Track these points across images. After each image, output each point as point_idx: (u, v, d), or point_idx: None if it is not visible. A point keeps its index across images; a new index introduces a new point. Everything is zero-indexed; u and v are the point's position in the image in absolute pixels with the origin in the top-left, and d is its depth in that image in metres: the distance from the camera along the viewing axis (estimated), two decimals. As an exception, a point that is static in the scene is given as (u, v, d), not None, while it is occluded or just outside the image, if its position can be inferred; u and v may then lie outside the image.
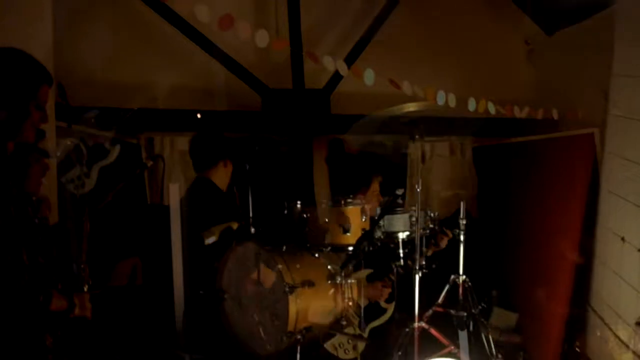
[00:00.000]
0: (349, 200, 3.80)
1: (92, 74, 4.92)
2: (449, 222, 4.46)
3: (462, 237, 4.08)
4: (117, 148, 2.71)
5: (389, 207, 3.84)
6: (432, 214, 4.03)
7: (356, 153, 5.65)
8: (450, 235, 4.40)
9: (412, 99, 4.48)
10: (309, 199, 5.36)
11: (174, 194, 3.67)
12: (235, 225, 3.78)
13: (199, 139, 4.31)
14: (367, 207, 3.86)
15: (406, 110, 3.63)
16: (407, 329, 3.87)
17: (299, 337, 3.58)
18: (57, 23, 4.14)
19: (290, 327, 3.53)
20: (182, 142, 5.26)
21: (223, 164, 4.14)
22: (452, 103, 4.54)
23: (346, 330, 4.13)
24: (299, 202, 3.86)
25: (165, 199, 4.44)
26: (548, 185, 5.14)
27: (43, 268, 2.58)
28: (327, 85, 5.27)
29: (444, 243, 4.39)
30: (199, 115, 4.98)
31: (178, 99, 5.27)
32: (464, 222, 4.12)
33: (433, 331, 3.93)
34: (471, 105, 4.64)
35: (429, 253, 4.37)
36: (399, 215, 3.89)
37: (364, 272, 4.21)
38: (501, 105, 4.86)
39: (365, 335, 4.22)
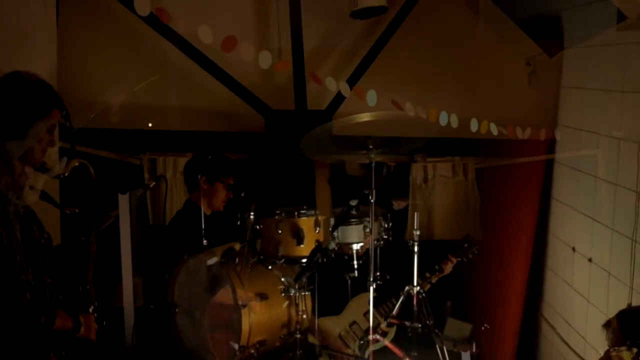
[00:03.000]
0: (302, 211, 3.77)
1: (95, 96, 4.94)
2: (455, 247, 4.45)
3: (416, 249, 4.05)
4: (65, 159, 2.70)
5: (343, 218, 3.80)
6: (386, 225, 4.01)
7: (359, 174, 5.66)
8: (455, 262, 4.38)
9: (415, 119, 4.49)
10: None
11: (124, 203, 3.62)
12: (237, 246, 3.76)
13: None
14: (320, 218, 3.83)
15: (359, 120, 3.62)
16: (361, 341, 3.86)
17: (252, 351, 3.57)
18: (61, 45, 4.17)
19: (243, 341, 3.51)
20: (185, 163, 5.27)
21: (199, 185, 4.10)
22: (455, 124, 4.54)
23: (346, 352, 4.10)
24: (251, 214, 3.81)
25: (168, 219, 4.45)
26: (502, 198, 5.20)
27: (48, 288, 2.59)
28: (330, 106, 5.28)
29: (448, 269, 4.37)
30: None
31: (181, 120, 5.29)
32: (418, 232, 4.09)
33: (387, 343, 3.92)
34: (473, 126, 4.64)
35: (434, 280, 4.34)
36: (353, 226, 3.87)
37: (366, 295, 4.19)
38: (503, 126, 4.86)
39: (366, 357, 4.19)
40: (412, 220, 4.08)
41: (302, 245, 3.71)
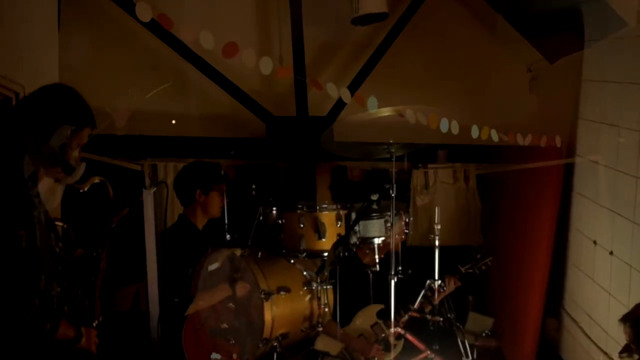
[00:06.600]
0: (324, 205, 3.81)
1: (97, 102, 4.94)
2: (467, 259, 4.41)
3: (436, 242, 4.07)
4: (83, 165, 2.73)
5: (364, 213, 3.82)
6: (406, 219, 4.02)
7: (360, 180, 5.66)
8: (458, 283, 4.33)
9: (415, 126, 4.49)
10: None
11: (148, 200, 3.66)
12: (238, 252, 3.78)
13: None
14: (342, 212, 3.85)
15: (380, 114, 3.66)
16: (383, 334, 3.90)
17: (275, 343, 3.60)
18: (63, 51, 4.17)
19: (266, 334, 3.58)
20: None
21: (195, 199, 4.13)
22: (455, 130, 4.54)
23: None
24: (274, 208, 3.83)
25: (168, 225, 4.45)
26: (524, 192, 5.21)
27: (57, 297, 2.60)
28: (331, 113, 5.29)
29: (451, 287, 4.29)
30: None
31: (182, 126, 5.29)
32: (439, 226, 4.10)
33: (409, 336, 3.92)
34: (474, 132, 4.64)
35: (436, 300, 4.26)
36: (374, 221, 3.89)
37: (376, 307, 4.16)
38: (504, 133, 4.86)
39: None
40: (415, 223, 4.06)
41: (323, 239, 3.76)
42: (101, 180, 2.84)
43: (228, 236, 3.86)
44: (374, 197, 3.74)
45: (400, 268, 3.87)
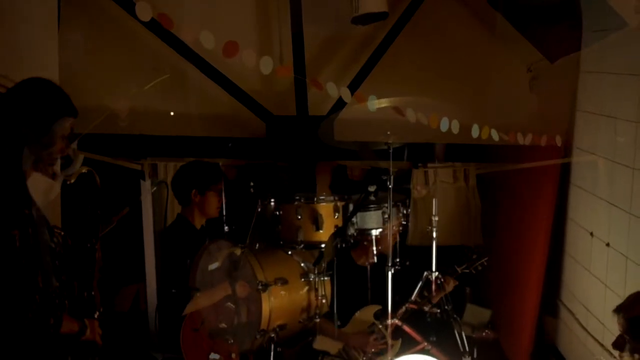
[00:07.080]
0: (322, 197, 3.81)
1: (97, 101, 4.95)
2: (463, 259, 4.42)
3: (434, 234, 4.07)
4: (81, 156, 2.73)
5: (361, 204, 3.83)
6: (404, 211, 4.03)
7: (360, 179, 5.66)
8: (456, 283, 4.33)
9: (415, 125, 4.49)
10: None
11: (146, 191, 3.68)
12: (238, 251, 3.78)
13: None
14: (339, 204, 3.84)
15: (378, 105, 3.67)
16: (381, 325, 3.92)
17: (272, 334, 3.61)
18: (63, 51, 4.17)
19: (263, 325, 3.59)
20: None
21: (191, 199, 4.13)
22: (456, 130, 4.54)
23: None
24: (272, 200, 3.83)
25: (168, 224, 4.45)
26: (520, 186, 5.23)
27: (56, 292, 2.60)
28: (331, 112, 5.28)
29: (450, 287, 4.30)
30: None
31: (182, 125, 5.29)
32: (436, 218, 4.11)
33: (406, 328, 3.93)
34: (475, 131, 4.64)
35: (435, 299, 4.26)
36: (371, 212, 3.90)
37: (373, 308, 4.16)
38: (504, 132, 4.86)
39: None
40: (415, 223, 4.06)
41: (321, 231, 3.77)
42: (88, 170, 2.81)
43: (226, 227, 3.85)
44: (372, 189, 3.75)
45: (397, 260, 3.87)
